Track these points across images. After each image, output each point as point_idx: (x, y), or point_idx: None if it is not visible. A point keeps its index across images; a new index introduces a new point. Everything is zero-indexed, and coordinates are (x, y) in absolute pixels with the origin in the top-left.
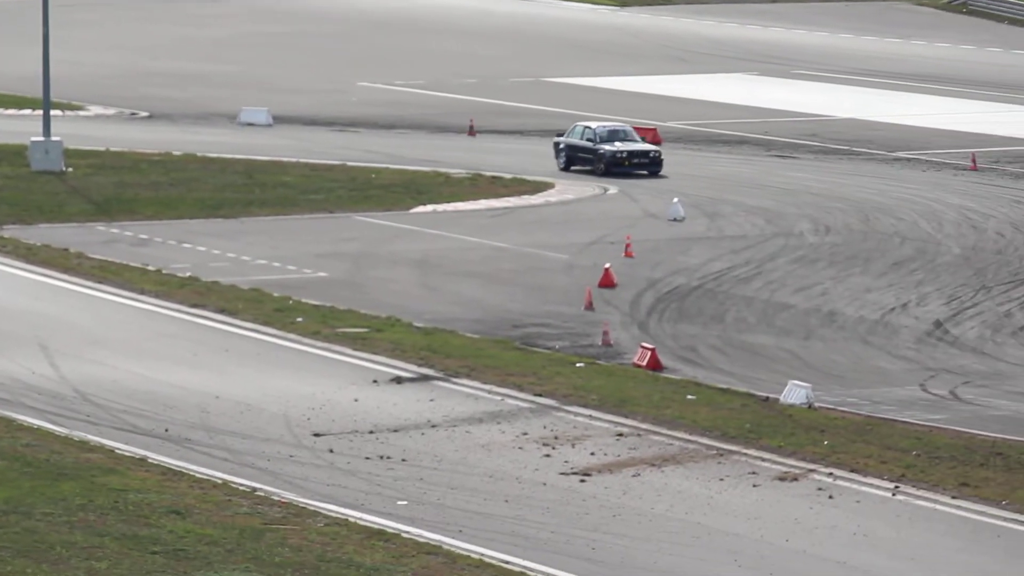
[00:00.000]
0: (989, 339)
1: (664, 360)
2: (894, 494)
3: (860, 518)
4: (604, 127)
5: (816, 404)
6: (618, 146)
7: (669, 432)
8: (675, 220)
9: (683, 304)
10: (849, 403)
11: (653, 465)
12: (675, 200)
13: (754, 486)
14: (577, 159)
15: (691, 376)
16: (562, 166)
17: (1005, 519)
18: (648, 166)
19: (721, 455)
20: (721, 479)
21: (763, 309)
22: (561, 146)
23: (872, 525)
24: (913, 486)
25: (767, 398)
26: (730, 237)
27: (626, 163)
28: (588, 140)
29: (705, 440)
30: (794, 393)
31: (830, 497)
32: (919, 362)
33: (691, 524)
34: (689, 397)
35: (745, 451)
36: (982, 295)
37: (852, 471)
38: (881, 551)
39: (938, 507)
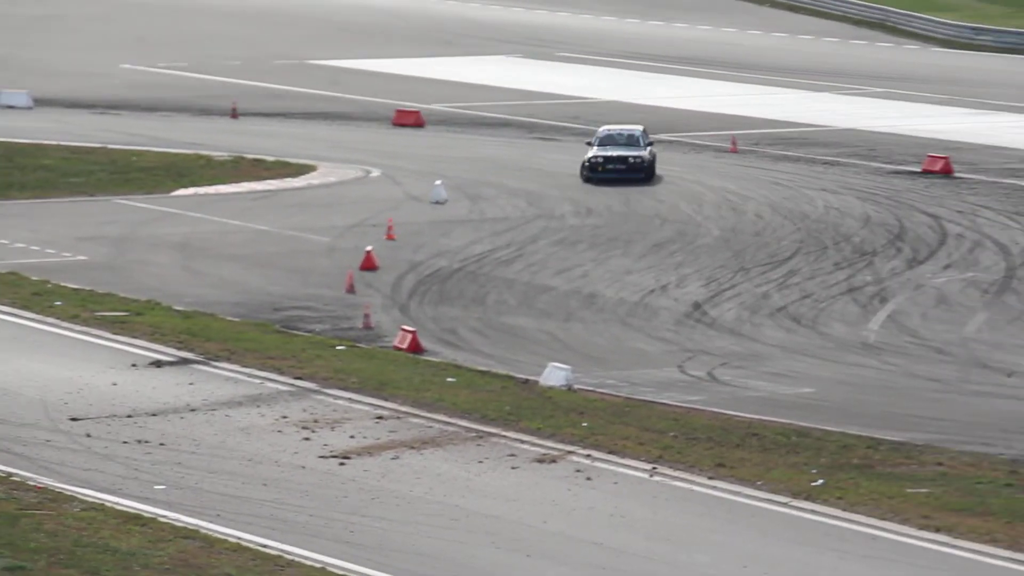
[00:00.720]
0: (747, 321)
1: (425, 343)
2: (651, 475)
3: (618, 499)
4: (606, 130)
5: (575, 386)
6: (601, 151)
7: (429, 415)
8: (437, 203)
9: (444, 287)
10: (608, 385)
11: (412, 448)
12: (437, 183)
13: (513, 468)
14: None
15: (451, 359)
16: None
17: (760, 499)
18: (625, 172)
19: (480, 437)
20: (480, 461)
21: (524, 291)
22: None
23: (629, 506)
24: (670, 467)
25: (527, 380)
26: (492, 219)
27: (600, 169)
28: (589, 144)
29: (464, 422)
30: (554, 375)
31: (588, 479)
32: (678, 344)
33: (449, 507)
34: (449, 380)
35: (504, 433)
36: (740, 277)
37: (610, 452)
38: (638, 532)
39: (695, 488)
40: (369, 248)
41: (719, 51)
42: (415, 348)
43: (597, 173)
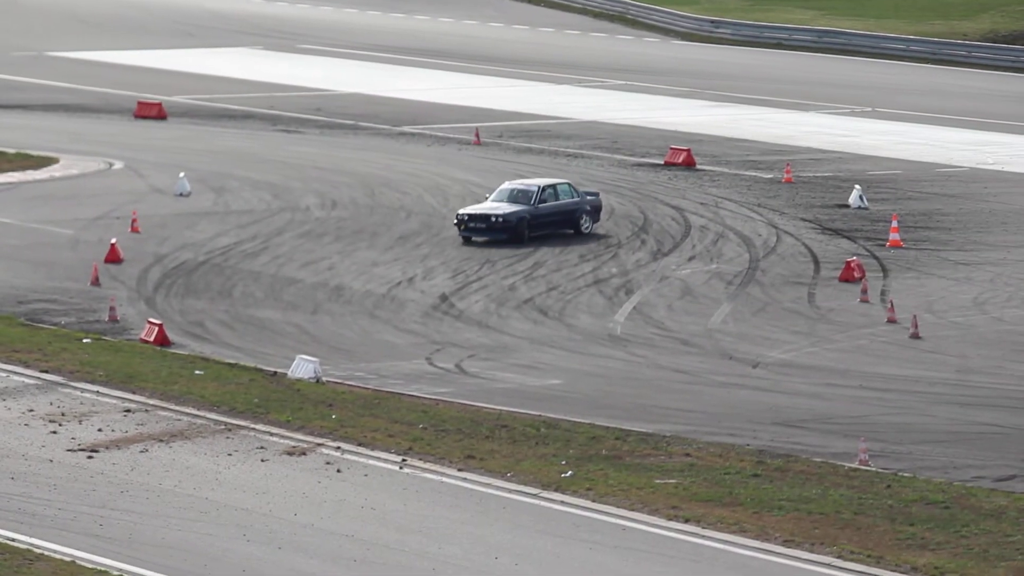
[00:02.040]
0: (494, 313)
1: (172, 335)
2: (401, 467)
3: (368, 491)
4: (506, 187)
5: (324, 378)
6: (470, 208)
7: (177, 407)
8: (181, 195)
9: (190, 279)
10: (357, 377)
11: (161, 441)
12: (181, 175)
13: (262, 460)
14: None
15: (199, 351)
16: None
17: (510, 491)
18: (486, 231)
19: (229, 430)
20: (229, 454)
21: (270, 284)
22: None
23: (379, 498)
24: (420, 459)
25: (275, 373)
26: (237, 212)
27: (463, 227)
28: (486, 197)
29: (213, 415)
30: (302, 367)
31: (338, 471)
32: (426, 336)
33: (199, 499)
34: (197, 372)
35: (253, 426)
36: (487, 269)
37: (360, 445)
38: (389, 524)
39: (445, 480)
40: (114, 240)
41: (461, 44)
42: (162, 341)
43: (461, 230)
